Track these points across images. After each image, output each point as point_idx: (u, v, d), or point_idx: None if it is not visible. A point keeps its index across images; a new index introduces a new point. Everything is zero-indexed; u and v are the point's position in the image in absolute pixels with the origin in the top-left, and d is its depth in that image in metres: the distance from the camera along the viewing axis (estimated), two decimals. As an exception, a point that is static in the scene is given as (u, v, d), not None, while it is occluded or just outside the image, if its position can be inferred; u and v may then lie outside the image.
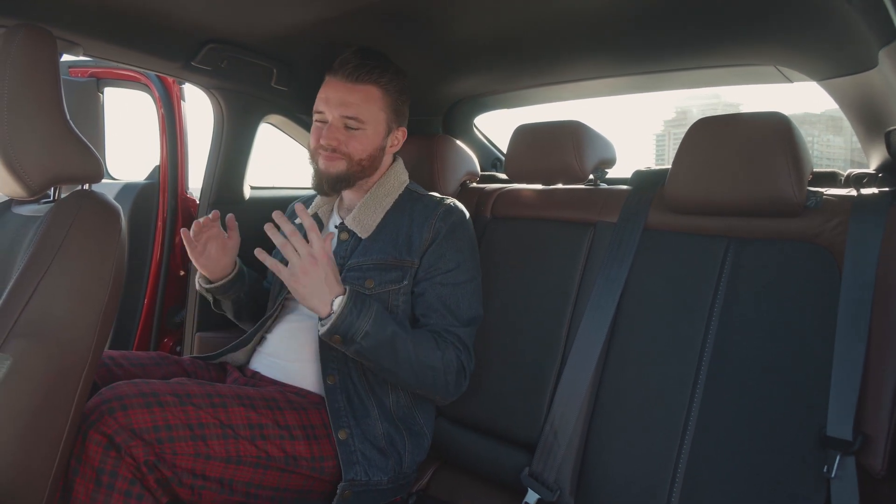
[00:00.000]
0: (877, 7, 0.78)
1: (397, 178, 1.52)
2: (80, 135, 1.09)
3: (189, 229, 1.45)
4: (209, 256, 1.48)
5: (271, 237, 1.23)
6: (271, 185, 2.13)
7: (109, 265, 1.06)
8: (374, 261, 1.41)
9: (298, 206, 1.27)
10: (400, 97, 1.47)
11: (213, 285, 1.53)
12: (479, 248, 1.58)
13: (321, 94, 1.43)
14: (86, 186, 1.15)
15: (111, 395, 1.12)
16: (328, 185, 1.44)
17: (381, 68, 1.42)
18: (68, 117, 1.08)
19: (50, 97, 1.05)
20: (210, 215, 1.44)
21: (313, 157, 1.46)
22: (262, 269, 1.69)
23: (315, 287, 1.22)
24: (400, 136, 1.51)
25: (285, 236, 1.23)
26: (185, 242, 1.45)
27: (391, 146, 1.50)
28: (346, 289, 1.25)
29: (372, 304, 1.27)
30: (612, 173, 1.71)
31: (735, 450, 1.15)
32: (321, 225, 1.55)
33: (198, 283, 1.57)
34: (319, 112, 1.43)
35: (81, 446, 1.08)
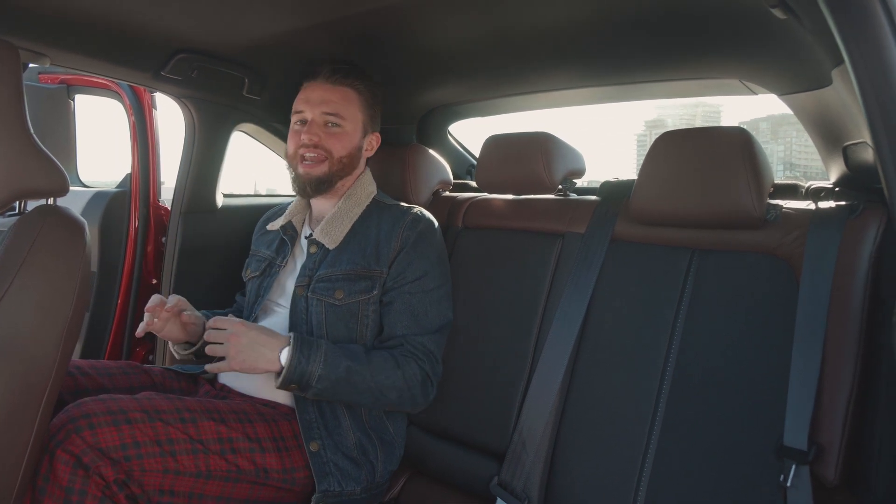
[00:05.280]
0: (827, 30, 0.80)
1: (364, 190, 1.54)
2: (45, 148, 1.07)
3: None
4: (172, 330, 1.42)
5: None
6: (244, 193, 2.13)
7: (73, 281, 1.05)
8: (343, 271, 1.42)
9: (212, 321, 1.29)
10: (374, 102, 1.53)
11: (192, 349, 1.49)
12: (450, 258, 1.60)
13: (301, 96, 1.48)
14: (51, 201, 1.14)
15: (78, 413, 1.11)
16: (311, 187, 1.46)
17: (356, 73, 1.50)
18: (31, 131, 1.06)
19: (12, 111, 1.04)
20: (159, 305, 1.37)
21: (293, 162, 1.48)
22: (240, 285, 1.70)
23: (251, 353, 1.25)
24: (374, 141, 1.57)
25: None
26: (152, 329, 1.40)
27: (367, 150, 1.55)
28: (289, 337, 1.28)
29: (320, 345, 1.29)
30: (600, 172, 1.73)
31: (697, 458, 1.17)
32: (295, 233, 1.55)
33: (175, 352, 1.51)
34: (299, 112, 1.48)
35: (49, 465, 1.07)
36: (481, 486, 1.41)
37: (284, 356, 1.26)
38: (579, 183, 1.72)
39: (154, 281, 2.06)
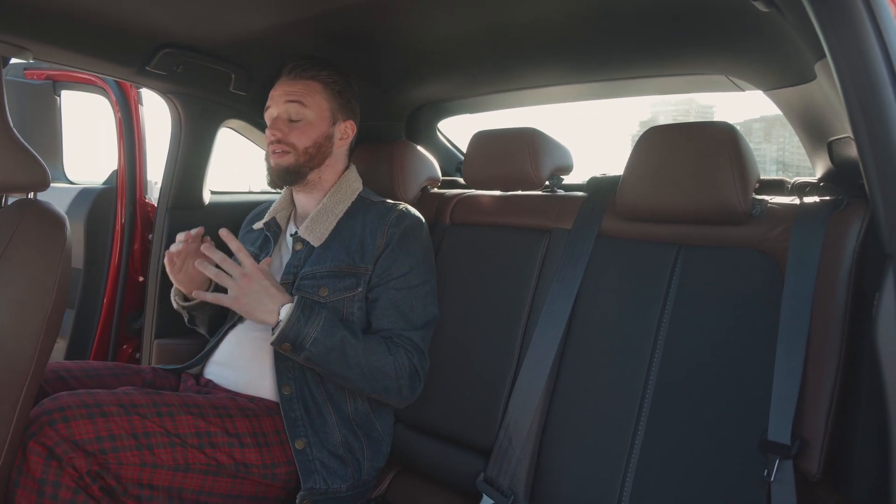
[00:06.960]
0: (810, 23, 0.80)
1: (350, 186, 1.53)
2: (25, 143, 1.07)
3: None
4: (187, 273, 1.44)
5: (203, 270, 1.27)
6: (231, 191, 2.12)
7: (53, 275, 1.04)
8: (328, 268, 1.41)
9: (223, 232, 1.29)
10: (343, 90, 1.52)
11: (190, 303, 1.52)
12: (438, 254, 1.60)
13: (270, 96, 1.50)
14: (31, 195, 1.13)
15: (53, 406, 1.11)
16: (278, 177, 1.47)
17: (319, 66, 1.49)
18: (11, 125, 1.06)
19: None
20: (194, 231, 1.40)
21: (267, 156, 1.50)
22: None
23: (255, 301, 1.26)
24: (349, 129, 1.54)
25: (218, 266, 1.27)
26: (166, 261, 1.42)
27: (340, 138, 1.53)
28: (293, 297, 1.28)
29: (321, 311, 1.29)
30: (598, 172, 1.72)
31: (682, 453, 1.17)
32: (279, 230, 1.55)
33: (174, 300, 1.55)
34: (268, 108, 1.50)
35: (22, 457, 1.07)
36: (468, 482, 1.40)
37: (284, 312, 1.26)
38: (572, 180, 1.72)
39: (141, 278, 2.05)
